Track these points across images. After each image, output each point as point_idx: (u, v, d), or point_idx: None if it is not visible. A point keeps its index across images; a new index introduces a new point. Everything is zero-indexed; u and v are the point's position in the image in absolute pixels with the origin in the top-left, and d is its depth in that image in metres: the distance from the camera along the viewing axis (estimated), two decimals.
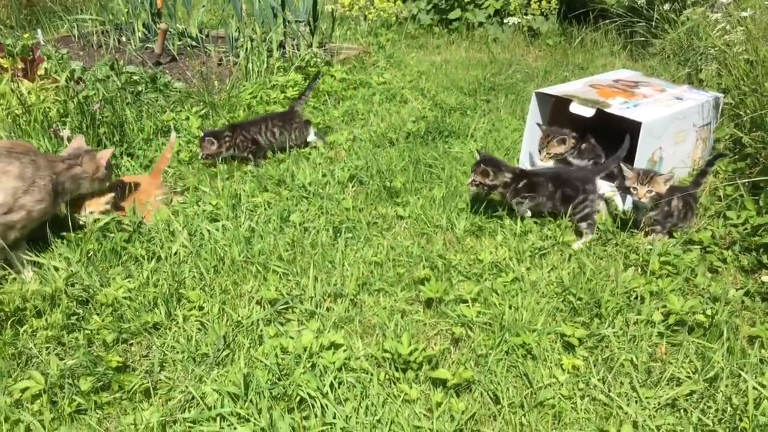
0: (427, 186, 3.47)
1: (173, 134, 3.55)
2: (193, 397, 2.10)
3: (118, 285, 2.60)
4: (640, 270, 2.74)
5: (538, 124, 3.66)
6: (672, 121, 3.31)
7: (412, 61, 5.99)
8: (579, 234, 3.04)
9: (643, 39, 6.04)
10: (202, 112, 4.49)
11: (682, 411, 2.04)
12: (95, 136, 3.76)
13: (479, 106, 4.73)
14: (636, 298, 2.54)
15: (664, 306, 2.45)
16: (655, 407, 2.05)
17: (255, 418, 1.98)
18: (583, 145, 3.59)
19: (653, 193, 2.85)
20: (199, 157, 3.89)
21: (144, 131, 4.09)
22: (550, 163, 3.57)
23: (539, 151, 3.61)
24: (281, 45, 5.64)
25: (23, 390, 2.11)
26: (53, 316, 2.47)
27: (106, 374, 2.19)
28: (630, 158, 3.13)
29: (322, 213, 3.22)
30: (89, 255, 2.86)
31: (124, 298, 2.54)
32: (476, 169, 3.11)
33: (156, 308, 2.51)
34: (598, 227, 3.00)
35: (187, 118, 4.39)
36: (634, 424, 1.98)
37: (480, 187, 3.13)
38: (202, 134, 3.85)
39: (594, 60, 5.95)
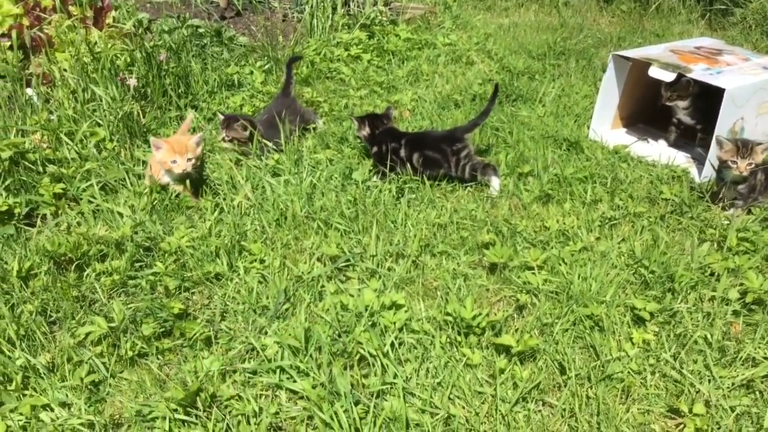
0: (492, 150, 3.38)
1: (191, 113, 3.37)
2: (253, 348, 2.10)
3: (182, 234, 2.61)
4: (716, 245, 2.61)
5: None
6: (756, 91, 3.12)
7: (479, 23, 5.83)
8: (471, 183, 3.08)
9: (723, 7, 5.75)
10: (266, 66, 4.47)
11: (757, 392, 1.94)
12: (161, 87, 3.77)
13: (548, 71, 4.58)
14: (711, 274, 2.42)
15: (741, 284, 2.33)
16: (729, 387, 1.95)
17: (315, 373, 1.96)
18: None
19: (753, 165, 2.70)
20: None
21: (208, 83, 4.08)
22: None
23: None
24: (346, 2, 5.54)
25: (87, 334, 2.14)
26: (117, 261, 2.50)
27: (167, 321, 2.21)
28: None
29: None
30: (154, 203, 2.87)
31: (188, 247, 2.55)
32: None
33: (218, 259, 2.50)
34: (674, 199, 2.87)
35: (251, 73, 4.37)
36: (707, 403, 1.89)
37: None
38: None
39: (670, 27, 5.68)
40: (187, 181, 2.93)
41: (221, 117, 3.33)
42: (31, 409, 1.88)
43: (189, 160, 2.84)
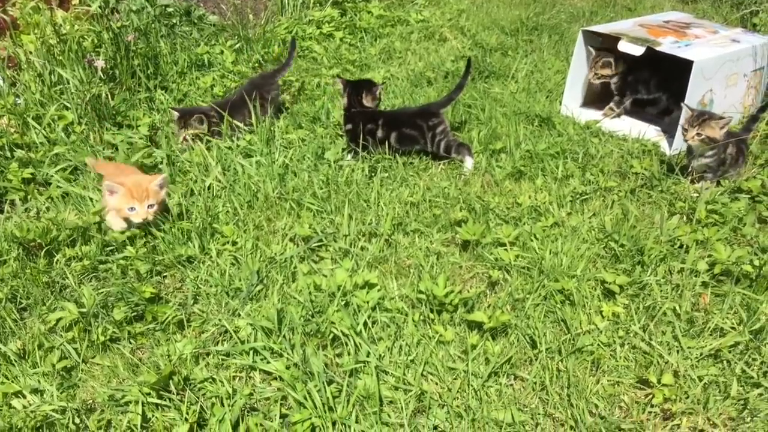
0: (465, 127, 3.38)
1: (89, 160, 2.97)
2: (226, 331, 2.10)
3: None
4: (685, 218, 2.64)
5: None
6: (724, 62, 3.15)
7: None
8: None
9: None
10: (237, 46, 4.41)
11: (725, 362, 1.97)
12: (129, 68, 3.71)
13: (521, 47, 4.57)
14: (680, 246, 2.45)
15: (710, 255, 2.36)
16: (697, 357, 1.98)
17: (288, 354, 1.96)
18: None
19: (703, 137, 2.72)
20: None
21: (178, 64, 4.03)
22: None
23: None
24: None
25: (58, 320, 2.12)
26: (87, 246, 2.47)
27: (139, 305, 2.19)
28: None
29: None
30: None
31: (158, 230, 2.53)
32: None
33: (190, 242, 2.49)
34: (644, 173, 2.89)
35: (222, 52, 4.31)
36: (675, 374, 1.92)
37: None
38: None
39: (642, 1, 5.70)
40: None
41: (175, 114, 3.16)
42: (2, 396, 1.87)
43: (150, 206, 2.46)
